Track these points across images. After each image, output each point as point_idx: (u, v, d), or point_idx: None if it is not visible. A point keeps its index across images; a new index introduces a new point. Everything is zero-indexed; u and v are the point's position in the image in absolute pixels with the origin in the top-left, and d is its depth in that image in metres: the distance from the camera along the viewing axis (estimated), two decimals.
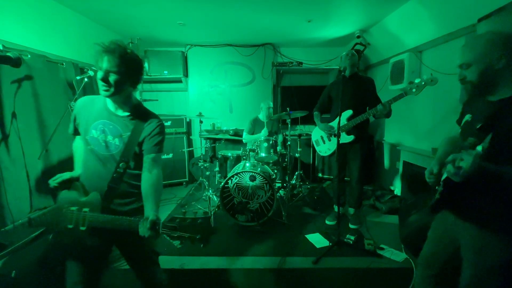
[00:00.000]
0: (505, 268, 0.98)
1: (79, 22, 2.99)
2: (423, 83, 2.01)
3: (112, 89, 1.13)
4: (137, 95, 4.58)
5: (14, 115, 2.10)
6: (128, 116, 1.25)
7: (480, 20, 2.01)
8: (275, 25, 3.45)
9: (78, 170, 1.33)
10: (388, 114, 2.36)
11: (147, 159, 1.25)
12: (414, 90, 2.04)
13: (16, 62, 0.85)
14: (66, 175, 1.26)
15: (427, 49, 2.83)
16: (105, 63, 1.10)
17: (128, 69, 1.14)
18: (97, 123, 1.22)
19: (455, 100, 2.40)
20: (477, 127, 0.99)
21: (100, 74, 1.11)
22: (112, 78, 1.11)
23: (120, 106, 1.24)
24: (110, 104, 1.24)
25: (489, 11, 1.92)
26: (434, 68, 2.64)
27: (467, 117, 1.11)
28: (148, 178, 1.21)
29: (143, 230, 1.03)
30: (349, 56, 2.54)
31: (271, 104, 3.58)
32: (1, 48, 2.04)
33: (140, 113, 1.27)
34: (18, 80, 2.15)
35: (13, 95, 2.11)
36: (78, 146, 1.39)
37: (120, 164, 1.21)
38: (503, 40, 0.95)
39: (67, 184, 1.25)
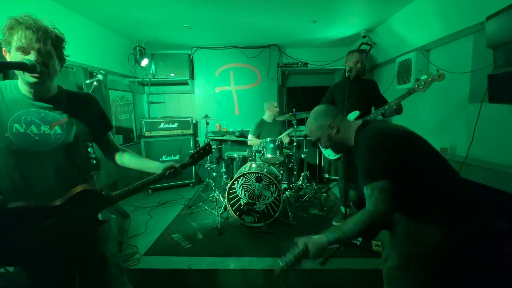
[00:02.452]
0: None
1: (88, 26, 3.06)
2: (430, 79, 1.99)
3: (45, 75, 0.95)
4: (144, 97, 4.65)
5: None
6: (57, 99, 1.06)
7: (488, 18, 1.97)
8: (280, 26, 3.46)
9: None
10: (399, 111, 2.34)
11: (107, 137, 1.23)
12: (421, 86, 2.03)
13: (31, 69, 0.88)
14: None
15: (435, 48, 2.80)
16: (36, 43, 0.91)
17: (59, 49, 1.01)
18: (19, 114, 0.97)
19: (464, 99, 2.37)
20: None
21: (32, 57, 0.91)
22: (46, 61, 0.95)
23: (47, 90, 1.03)
24: (26, 89, 1.00)
25: (498, 8, 1.89)
26: (441, 67, 2.59)
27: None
28: (125, 152, 1.25)
29: (175, 174, 1.17)
30: (359, 64, 2.57)
31: (276, 104, 3.62)
32: None
33: (69, 93, 1.12)
34: None
35: None
36: None
37: (89, 149, 1.13)
38: (323, 113, 1.27)
39: None
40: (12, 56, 0.94)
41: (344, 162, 2.60)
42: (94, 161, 1.12)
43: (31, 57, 0.91)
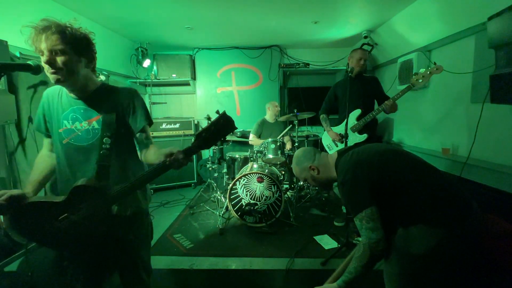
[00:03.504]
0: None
1: (90, 28, 3.05)
2: (428, 72, 2.00)
3: (63, 72, 0.99)
4: (146, 98, 4.67)
5: (30, 119, 2.19)
6: (95, 96, 1.12)
7: (490, 18, 1.97)
8: (282, 27, 3.46)
9: (29, 188, 1.09)
10: (392, 109, 2.37)
11: (139, 135, 1.17)
12: (420, 80, 2.04)
13: (36, 70, 0.89)
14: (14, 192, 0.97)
15: (436, 48, 2.79)
16: (44, 42, 0.94)
17: (74, 46, 1.00)
18: (67, 113, 1.09)
19: (465, 99, 2.36)
20: None
21: (44, 58, 0.96)
22: (59, 59, 0.97)
23: (82, 89, 1.09)
24: (69, 91, 1.09)
25: (500, 8, 1.88)
26: (443, 68, 2.60)
27: None
28: (149, 149, 1.17)
29: (178, 162, 0.93)
30: (362, 61, 2.59)
31: (277, 103, 3.63)
32: (18, 55, 2.13)
33: (108, 89, 1.16)
34: (34, 86, 2.24)
35: (29, 100, 2.19)
36: (42, 159, 1.18)
37: (104, 140, 1.06)
38: (302, 156, 1.36)
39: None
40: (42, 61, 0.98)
41: None
42: (107, 152, 1.08)
43: (44, 58, 0.95)
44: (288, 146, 3.47)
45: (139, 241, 1.22)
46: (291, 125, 3.21)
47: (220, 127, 0.90)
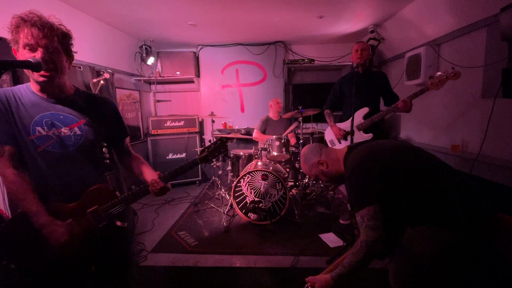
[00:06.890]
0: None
1: (94, 26, 3.08)
2: (445, 77, 1.93)
3: (54, 72, 0.96)
4: (150, 96, 4.68)
5: None
6: (75, 98, 1.08)
7: (503, 9, 1.90)
8: (286, 23, 3.41)
9: None
10: (408, 110, 2.25)
11: (122, 143, 1.24)
12: (435, 84, 1.97)
13: (36, 67, 0.88)
14: None
15: (445, 42, 2.71)
16: (37, 38, 0.91)
17: (65, 44, 0.99)
18: (40, 117, 0.99)
19: (476, 94, 2.29)
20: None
21: (39, 53, 0.91)
22: (53, 57, 0.95)
23: (60, 89, 1.04)
24: (38, 88, 1.01)
25: None
26: (453, 62, 2.52)
27: None
28: (135, 157, 1.27)
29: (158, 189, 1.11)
30: (359, 52, 2.50)
31: (279, 100, 3.62)
32: None
33: (87, 95, 1.14)
34: None
35: None
36: (17, 182, 0.97)
37: (104, 149, 1.08)
38: (309, 152, 1.34)
39: None
40: (20, 54, 0.94)
41: None
42: (108, 161, 1.11)
43: (38, 54, 0.91)
44: (292, 141, 3.45)
45: (126, 231, 1.22)
46: (297, 123, 3.17)
47: (218, 146, 1.21)
